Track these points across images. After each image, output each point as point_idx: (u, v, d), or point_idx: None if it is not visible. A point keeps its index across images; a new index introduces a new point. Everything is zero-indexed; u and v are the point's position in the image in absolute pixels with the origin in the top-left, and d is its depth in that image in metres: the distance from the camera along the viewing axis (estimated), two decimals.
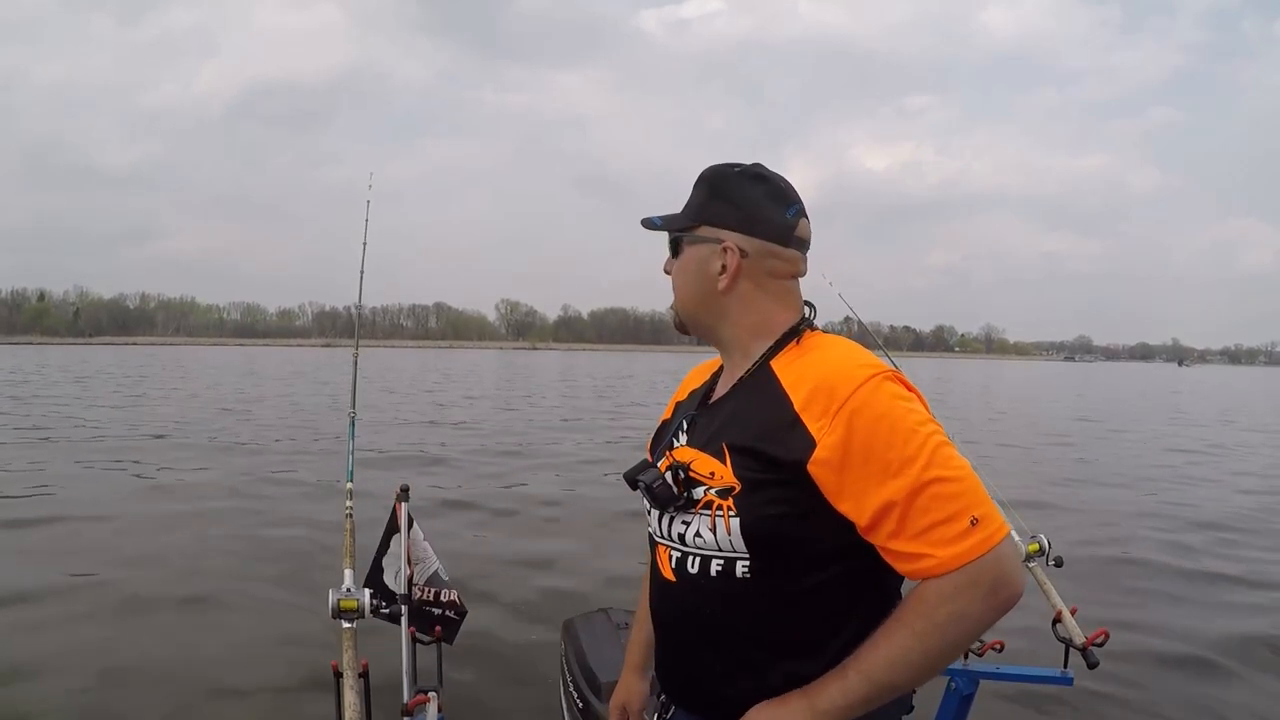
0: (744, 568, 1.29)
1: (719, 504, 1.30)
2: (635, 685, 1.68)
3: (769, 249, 1.38)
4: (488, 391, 29.25)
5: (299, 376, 34.64)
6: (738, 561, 1.29)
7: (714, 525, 1.30)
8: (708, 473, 1.32)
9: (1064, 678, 2.73)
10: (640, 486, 1.38)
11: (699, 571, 1.34)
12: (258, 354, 77.63)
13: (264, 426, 15.76)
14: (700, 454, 1.35)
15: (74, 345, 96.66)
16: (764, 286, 1.40)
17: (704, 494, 1.32)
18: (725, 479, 1.30)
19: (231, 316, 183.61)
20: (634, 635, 1.71)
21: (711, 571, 1.32)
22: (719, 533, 1.30)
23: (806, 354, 1.35)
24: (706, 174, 1.43)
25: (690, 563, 1.35)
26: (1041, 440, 16.68)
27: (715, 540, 1.30)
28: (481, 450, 13.04)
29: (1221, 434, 19.60)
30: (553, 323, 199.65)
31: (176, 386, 27.92)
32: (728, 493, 1.29)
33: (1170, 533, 8.08)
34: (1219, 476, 12.16)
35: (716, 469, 1.31)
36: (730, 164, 1.42)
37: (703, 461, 1.34)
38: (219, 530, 7.32)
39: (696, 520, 1.33)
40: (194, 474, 10.18)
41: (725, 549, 1.30)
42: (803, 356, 1.35)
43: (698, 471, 1.34)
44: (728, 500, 1.29)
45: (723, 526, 1.29)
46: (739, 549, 1.29)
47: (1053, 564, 2.91)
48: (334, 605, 1.89)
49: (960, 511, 1.17)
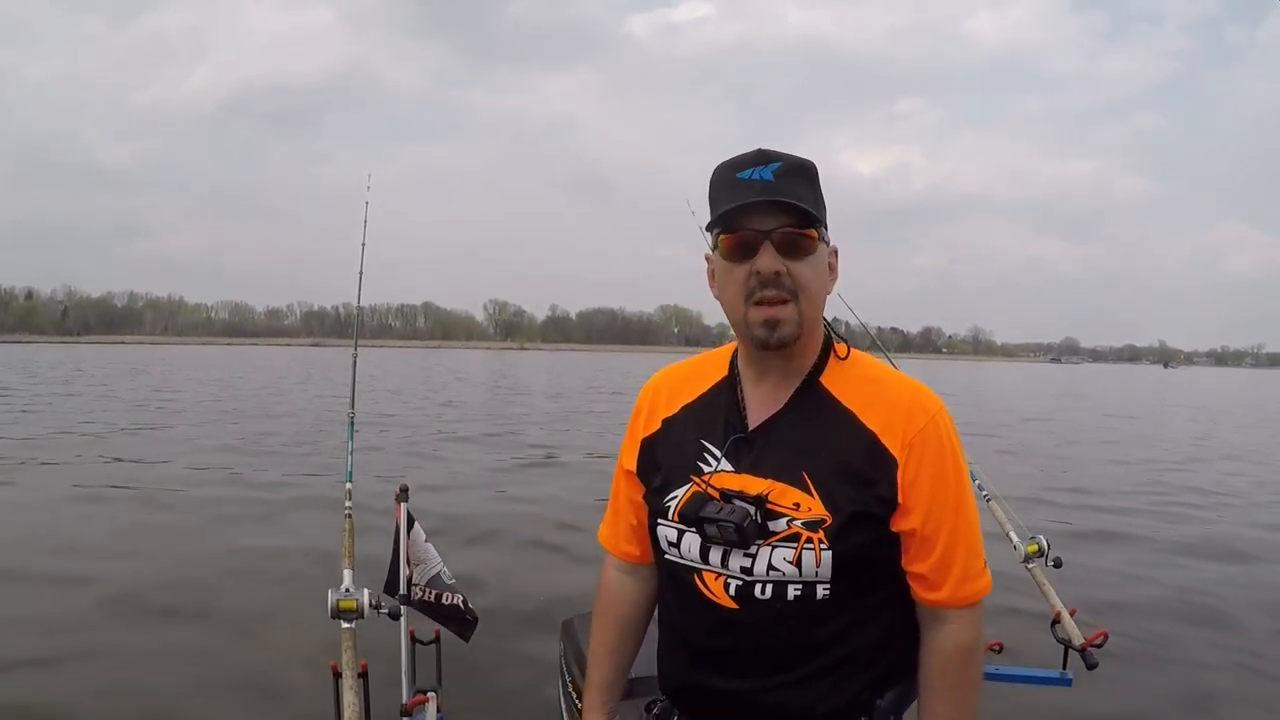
0: (824, 590, 1.28)
1: (808, 536, 1.26)
2: None
3: None
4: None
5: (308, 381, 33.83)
6: (818, 586, 1.28)
7: (798, 558, 1.26)
8: (791, 504, 1.27)
9: (1063, 678, 2.73)
10: (718, 526, 1.28)
11: (772, 597, 1.29)
12: (253, 353, 77.29)
13: (268, 428, 15.69)
14: (776, 484, 1.29)
15: (61, 344, 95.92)
16: None
17: (786, 526, 1.27)
18: (814, 511, 1.26)
19: (220, 316, 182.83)
20: (593, 678, 1.57)
21: (789, 596, 1.28)
22: (804, 564, 1.26)
23: (854, 370, 1.36)
24: (806, 165, 1.29)
25: (760, 589, 1.29)
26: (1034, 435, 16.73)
27: (800, 571, 1.27)
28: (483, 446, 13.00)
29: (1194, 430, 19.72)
30: (541, 323, 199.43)
31: (178, 390, 27.68)
32: (818, 525, 1.25)
33: (1169, 534, 8.11)
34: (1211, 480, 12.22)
35: (802, 500, 1.27)
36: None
37: (782, 492, 1.28)
38: (218, 530, 7.29)
39: (770, 552, 1.28)
40: (195, 474, 10.14)
41: (809, 577, 1.27)
42: (851, 372, 1.35)
43: (778, 503, 1.28)
44: (817, 533, 1.25)
45: (810, 559, 1.26)
46: (824, 577, 1.27)
47: (1051, 565, 2.91)
48: (333, 606, 1.88)
49: (977, 554, 1.33)
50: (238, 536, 7.08)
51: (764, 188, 1.23)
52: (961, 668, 1.32)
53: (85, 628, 4.78)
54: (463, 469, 11.18)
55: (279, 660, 4.31)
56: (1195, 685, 4.35)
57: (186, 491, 8.88)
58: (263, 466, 10.77)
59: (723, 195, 1.27)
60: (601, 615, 1.58)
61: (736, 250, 1.27)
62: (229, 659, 4.36)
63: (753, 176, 1.24)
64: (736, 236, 1.26)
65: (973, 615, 1.33)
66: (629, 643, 1.58)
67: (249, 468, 10.65)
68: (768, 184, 1.23)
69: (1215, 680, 4.42)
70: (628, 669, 1.59)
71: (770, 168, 1.24)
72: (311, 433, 14.66)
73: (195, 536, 7.07)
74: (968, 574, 1.30)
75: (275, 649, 4.49)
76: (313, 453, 12.14)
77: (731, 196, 1.25)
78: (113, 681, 4.07)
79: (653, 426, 1.45)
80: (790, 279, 1.25)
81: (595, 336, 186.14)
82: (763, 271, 1.24)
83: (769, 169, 1.24)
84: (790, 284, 1.25)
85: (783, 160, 1.25)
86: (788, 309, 1.25)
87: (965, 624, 1.32)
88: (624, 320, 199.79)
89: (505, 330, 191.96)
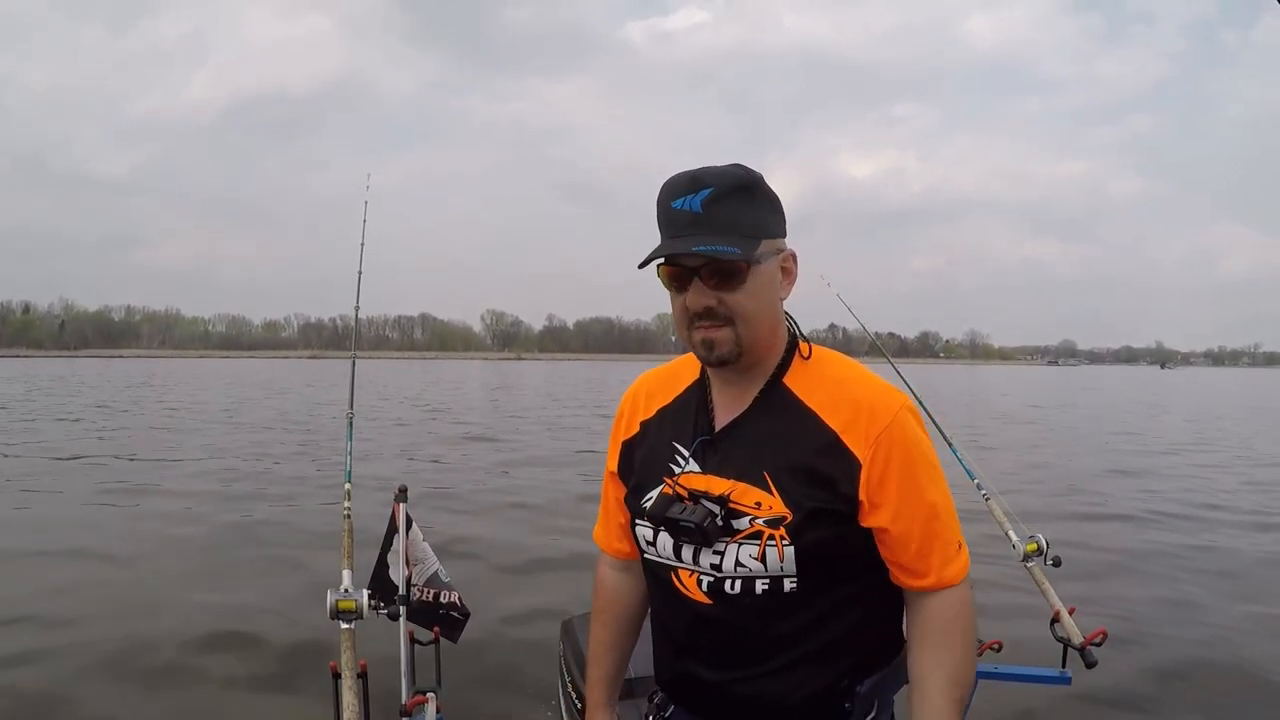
0: (791, 584, 1.31)
1: (770, 533, 1.29)
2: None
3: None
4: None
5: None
6: (785, 580, 1.31)
7: (763, 554, 1.30)
8: (753, 503, 1.31)
9: (1062, 677, 2.73)
10: (680, 526, 1.33)
11: (741, 592, 1.33)
12: (255, 366, 77.18)
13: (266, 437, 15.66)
14: (738, 484, 1.32)
15: (60, 358, 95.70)
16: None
17: (749, 524, 1.30)
18: (775, 509, 1.29)
19: (217, 329, 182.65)
20: (593, 673, 1.62)
21: (756, 591, 1.32)
22: (769, 560, 1.30)
23: (818, 370, 1.37)
24: (747, 181, 1.28)
25: (730, 585, 1.33)
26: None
27: (765, 567, 1.30)
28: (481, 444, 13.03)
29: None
30: (538, 333, 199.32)
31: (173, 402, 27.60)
32: (779, 522, 1.29)
33: (1168, 532, 8.11)
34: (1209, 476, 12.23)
35: (763, 499, 1.30)
36: (740, 165, 1.30)
37: (744, 491, 1.32)
38: (217, 530, 7.32)
39: (736, 549, 1.32)
40: (195, 472, 10.12)
41: (774, 572, 1.30)
42: (814, 372, 1.36)
43: (740, 502, 1.31)
44: (779, 530, 1.29)
45: (774, 555, 1.29)
46: (789, 571, 1.30)
47: (1050, 564, 2.91)
48: (332, 606, 1.88)
49: (953, 537, 1.35)
50: (237, 536, 7.13)
51: (692, 219, 1.24)
52: (953, 621, 1.33)
53: (83, 623, 4.81)
54: (461, 470, 11.18)
55: (277, 660, 4.32)
56: (1197, 687, 4.34)
57: (186, 490, 8.89)
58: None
59: (660, 224, 1.30)
60: (599, 613, 1.62)
61: (673, 282, 1.31)
62: (227, 659, 4.36)
63: (683, 206, 1.25)
64: (669, 271, 1.30)
65: (957, 594, 1.34)
66: (626, 638, 1.62)
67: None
68: (695, 215, 1.24)
69: (1217, 682, 4.42)
70: (626, 664, 1.63)
71: (700, 196, 1.24)
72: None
73: (194, 534, 7.13)
74: (945, 559, 1.33)
75: (273, 649, 4.49)
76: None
77: (665, 227, 1.28)
78: (109, 680, 4.08)
79: (632, 430, 1.50)
80: (724, 307, 1.27)
81: (592, 346, 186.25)
82: (690, 307, 1.29)
83: (699, 198, 1.24)
84: (724, 311, 1.27)
85: (714, 185, 1.24)
86: (723, 332, 1.29)
87: (953, 599, 1.34)
88: (621, 329, 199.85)
89: (502, 340, 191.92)
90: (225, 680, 4.11)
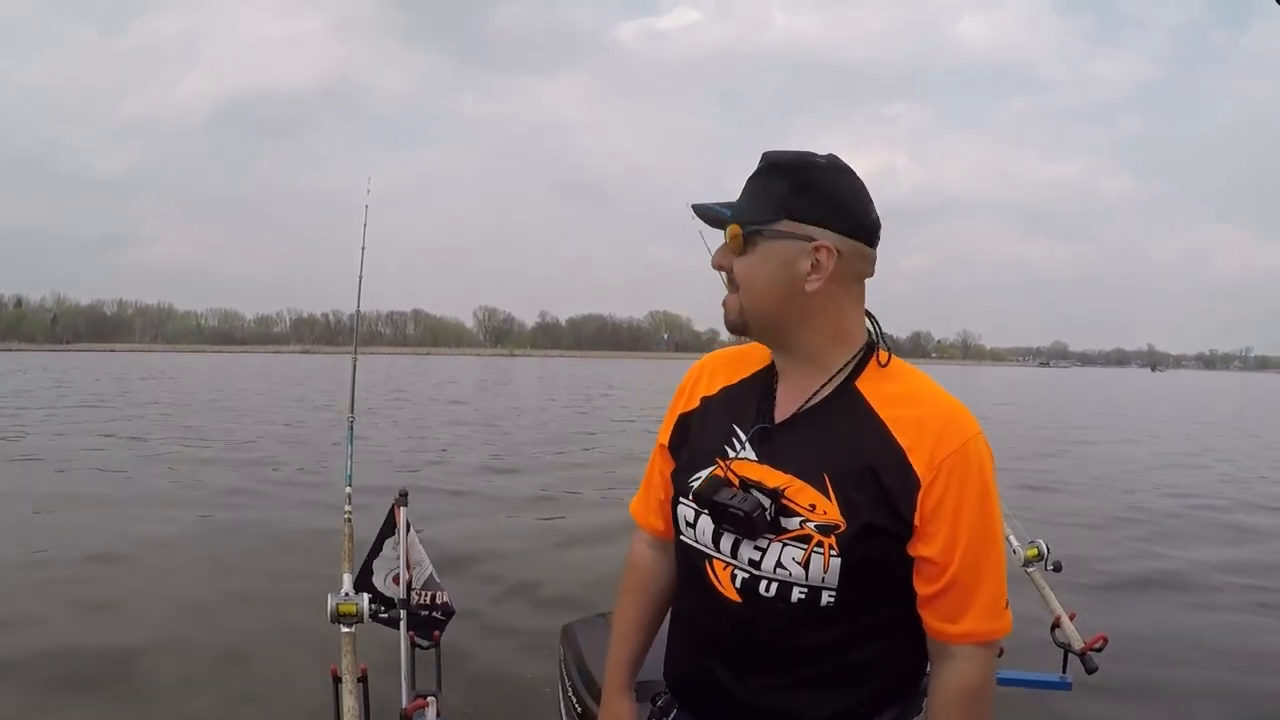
0: (829, 597, 1.25)
1: (819, 539, 1.23)
2: (624, 707, 1.55)
3: (860, 250, 1.29)
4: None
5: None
6: (823, 591, 1.25)
7: (807, 560, 1.24)
8: (807, 504, 1.25)
9: (1062, 683, 2.73)
10: (728, 513, 1.28)
11: (776, 596, 1.27)
12: (252, 361, 77.08)
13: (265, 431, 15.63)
14: (795, 480, 1.27)
15: (51, 352, 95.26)
16: (849, 290, 1.31)
17: (798, 526, 1.25)
18: (830, 515, 1.24)
19: (209, 323, 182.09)
20: (616, 654, 1.56)
21: (792, 599, 1.26)
22: (812, 568, 1.24)
23: (896, 381, 1.30)
24: (784, 163, 1.29)
25: (765, 586, 1.28)
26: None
27: (806, 574, 1.24)
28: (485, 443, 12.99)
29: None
30: (530, 329, 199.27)
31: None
32: (830, 529, 1.23)
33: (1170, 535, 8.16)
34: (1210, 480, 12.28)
35: (819, 502, 1.25)
36: (809, 153, 1.30)
37: (800, 489, 1.26)
38: (217, 531, 7.29)
39: (780, 549, 1.26)
40: (195, 474, 10.10)
41: (814, 582, 1.24)
42: (892, 383, 1.30)
43: (794, 500, 1.26)
44: (829, 538, 1.23)
45: (818, 563, 1.23)
46: (830, 584, 1.24)
47: (1051, 569, 2.91)
48: (332, 610, 1.87)
49: (1001, 591, 1.26)
50: (237, 537, 7.10)
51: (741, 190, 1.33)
52: (966, 708, 1.26)
53: (83, 623, 4.79)
54: (460, 473, 11.17)
55: (278, 664, 4.29)
56: (1197, 689, 4.35)
57: (186, 490, 8.87)
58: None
59: None
60: (630, 591, 1.57)
61: None
62: (227, 661, 4.34)
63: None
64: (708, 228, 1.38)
65: (984, 656, 1.26)
66: (656, 619, 1.56)
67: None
68: (745, 185, 1.32)
69: (1217, 683, 4.43)
70: (649, 646, 1.57)
71: (757, 170, 1.31)
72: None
73: (194, 534, 7.12)
74: (984, 613, 1.24)
75: (274, 652, 4.46)
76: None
77: None
78: (107, 682, 4.06)
79: (692, 404, 1.46)
80: (731, 272, 1.32)
81: (585, 343, 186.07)
82: (713, 264, 1.35)
83: (756, 172, 1.32)
84: (733, 276, 1.32)
85: (763, 162, 1.31)
86: (732, 299, 1.33)
87: (975, 663, 1.25)
88: (613, 326, 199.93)
89: (495, 336, 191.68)
90: (225, 683, 4.08)
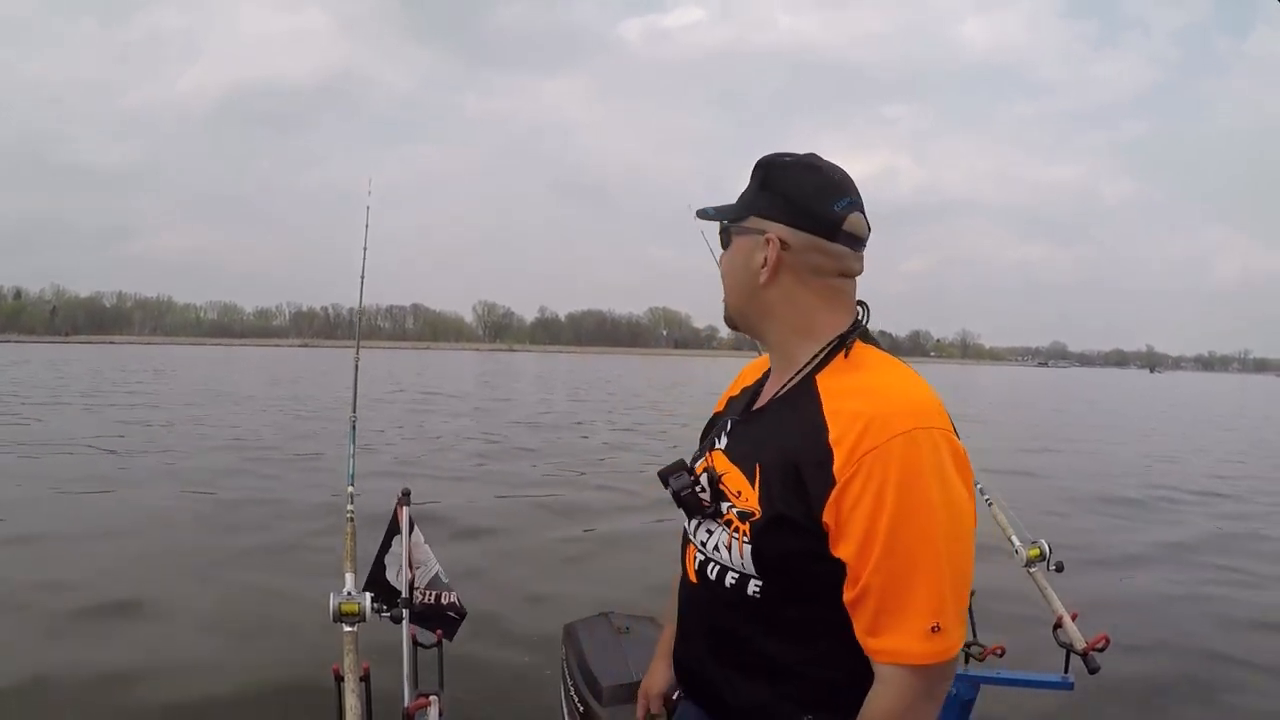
0: (755, 587, 1.28)
1: (737, 525, 1.28)
2: (661, 673, 1.63)
3: (813, 243, 1.30)
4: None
5: None
6: (750, 580, 1.28)
7: (730, 543, 1.29)
8: (735, 490, 1.30)
9: (1064, 683, 2.72)
10: (669, 490, 1.36)
11: (716, 579, 1.33)
12: (254, 355, 77.06)
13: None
14: (733, 468, 1.33)
15: (51, 344, 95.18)
16: (807, 283, 1.32)
17: (728, 510, 1.30)
18: (749, 503, 1.27)
19: (209, 316, 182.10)
20: (667, 629, 1.65)
21: (726, 583, 1.31)
22: (734, 552, 1.29)
23: (857, 373, 1.27)
24: (760, 163, 1.37)
25: (710, 569, 1.34)
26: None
27: (730, 557, 1.30)
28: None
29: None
30: (530, 324, 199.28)
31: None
32: (746, 517, 1.27)
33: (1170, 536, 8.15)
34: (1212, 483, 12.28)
35: (744, 489, 1.29)
36: (784, 153, 1.36)
37: (734, 477, 1.32)
38: (217, 531, 7.27)
39: (719, 533, 1.32)
40: (197, 474, 10.11)
41: (738, 567, 1.29)
42: (849, 374, 1.27)
43: (727, 486, 1.32)
44: (745, 524, 1.27)
45: (736, 549, 1.28)
46: (750, 571, 1.27)
47: (1053, 569, 2.90)
48: (335, 609, 1.86)
49: (933, 610, 1.14)
50: (237, 537, 7.06)
51: None
52: (893, 714, 1.17)
53: (82, 623, 4.78)
54: (461, 471, 11.18)
55: (279, 663, 4.27)
56: (1199, 690, 4.35)
57: (186, 490, 8.88)
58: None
59: None
60: (678, 577, 1.61)
61: None
62: (229, 661, 4.33)
63: None
64: None
65: (908, 681, 1.16)
66: None
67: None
68: None
69: (1218, 684, 4.42)
70: None
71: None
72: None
73: (193, 535, 7.08)
74: (911, 631, 1.14)
75: (275, 652, 4.45)
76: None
77: None
78: (109, 683, 4.04)
79: (720, 405, 1.57)
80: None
81: (584, 339, 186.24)
82: (718, 263, 1.44)
83: None
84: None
85: (757, 162, 1.38)
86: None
87: (894, 688, 1.16)
88: (613, 322, 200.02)
89: (494, 331, 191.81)
90: (225, 682, 4.07)
